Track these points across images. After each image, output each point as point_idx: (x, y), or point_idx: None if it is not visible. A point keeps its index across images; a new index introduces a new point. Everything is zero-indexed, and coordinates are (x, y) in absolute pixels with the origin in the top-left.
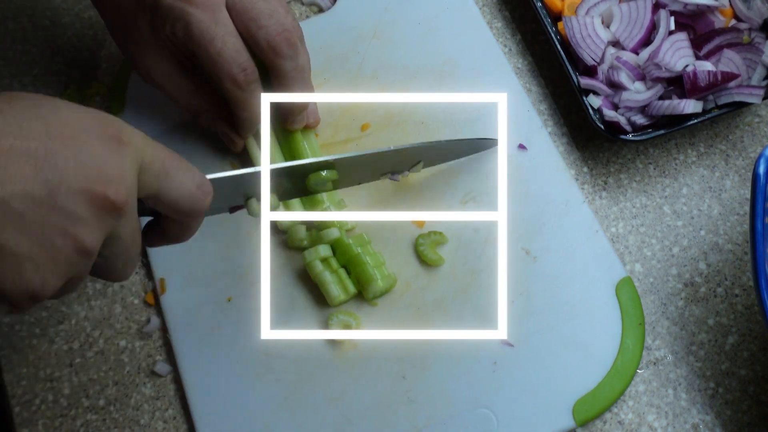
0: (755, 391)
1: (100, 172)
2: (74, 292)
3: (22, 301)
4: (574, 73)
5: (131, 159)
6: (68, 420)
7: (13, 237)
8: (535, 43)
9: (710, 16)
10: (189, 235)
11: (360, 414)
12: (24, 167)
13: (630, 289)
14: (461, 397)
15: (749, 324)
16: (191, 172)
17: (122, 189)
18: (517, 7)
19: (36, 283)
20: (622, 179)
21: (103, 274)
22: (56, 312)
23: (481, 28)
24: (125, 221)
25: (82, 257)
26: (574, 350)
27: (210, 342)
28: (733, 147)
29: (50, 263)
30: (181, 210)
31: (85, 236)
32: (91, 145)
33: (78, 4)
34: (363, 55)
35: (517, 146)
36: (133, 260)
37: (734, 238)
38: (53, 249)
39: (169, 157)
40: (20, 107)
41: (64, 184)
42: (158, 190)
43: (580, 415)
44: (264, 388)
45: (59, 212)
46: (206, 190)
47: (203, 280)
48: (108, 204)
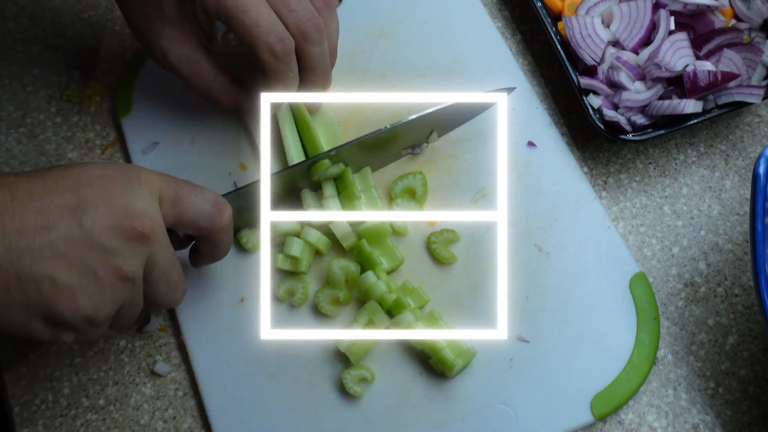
0: (755, 391)
1: (126, 209)
2: (134, 319)
3: (80, 325)
4: (574, 73)
5: (150, 194)
6: (68, 420)
7: (63, 272)
8: (535, 43)
9: (710, 16)
10: (222, 250)
11: (377, 413)
12: (63, 216)
13: (644, 284)
14: (478, 394)
15: (749, 324)
16: (203, 193)
17: (147, 220)
18: (517, 7)
19: (89, 308)
20: (622, 179)
21: (154, 301)
22: None
23: (488, 26)
24: (158, 248)
25: (125, 283)
26: (589, 345)
27: (224, 343)
28: (733, 147)
29: (98, 291)
30: (202, 228)
31: (122, 265)
32: (115, 189)
33: (78, 4)
34: (370, 54)
35: (526, 144)
36: (176, 285)
37: (734, 238)
38: (97, 279)
39: (181, 185)
40: (56, 173)
41: (97, 224)
42: (177, 215)
43: (599, 409)
44: (280, 389)
45: (97, 248)
46: (221, 207)
47: (215, 281)
48: (136, 234)
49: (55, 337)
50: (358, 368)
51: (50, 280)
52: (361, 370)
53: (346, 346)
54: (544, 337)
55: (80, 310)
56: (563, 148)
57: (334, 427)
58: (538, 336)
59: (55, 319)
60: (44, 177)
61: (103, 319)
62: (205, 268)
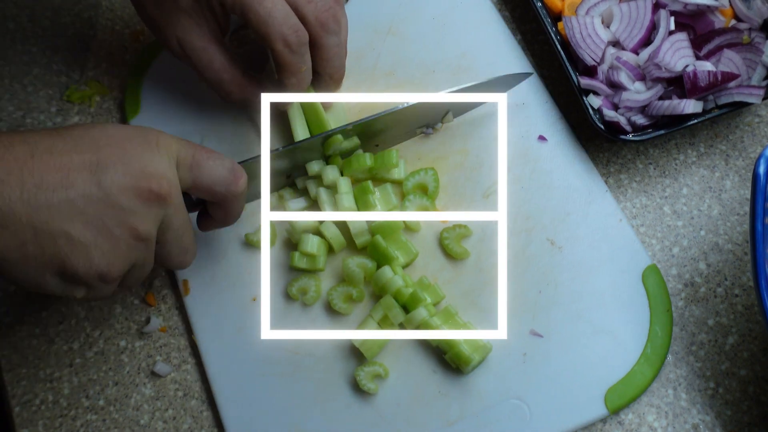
0: (755, 391)
1: (144, 171)
2: (143, 278)
3: (93, 281)
4: (574, 73)
5: (168, 158)
6: (68, 420)
7: (80, 228)
8: (535, 43)
9: (710, 16)
10: (233, 216)
11: (392, 410)
12: (82, 174)
13: (656, 276)
14: (492, 389)
15: (749, 324)
16: (221, 159)
17: (164, 182)
18: (517, 7)
19: (103, 265)
20: (622, 179)
21: (165, 262)
22: (56, 312)
23: (496, 21)
24: (173, 211)
25: (139, 243)
26: (602, 339)
27: (236, 342)
28: (733, 147)
29: (112, 249)
30: (217, 193)
31: (138, 224)
32: (134, 151)
33: (78, 4)
34: (379, 52)
35: (537, 138)
36: (187, 248)
37: (734, 238)
38: (113, 237)
39: (199, 150)
40: (76, 132)
41: (115, 184)
42: (194, 179)
43: (612, 403)
44: (293, 387)
45: (114, 207)
46: (237, 174)
47: (227, 281)
48: (153, 195)
49: (67, 292)
50: (372, 364)
51: (66, 236)
52: (374, 366)
53: (360, 342)
54: (558, 331)
55: (94, 266)
56: (574, 141)
57: (349, 425)
58: (552, 330)
59: (69, 274)
60: (64, 135)
61: (116, 276)
62: (216, 268)
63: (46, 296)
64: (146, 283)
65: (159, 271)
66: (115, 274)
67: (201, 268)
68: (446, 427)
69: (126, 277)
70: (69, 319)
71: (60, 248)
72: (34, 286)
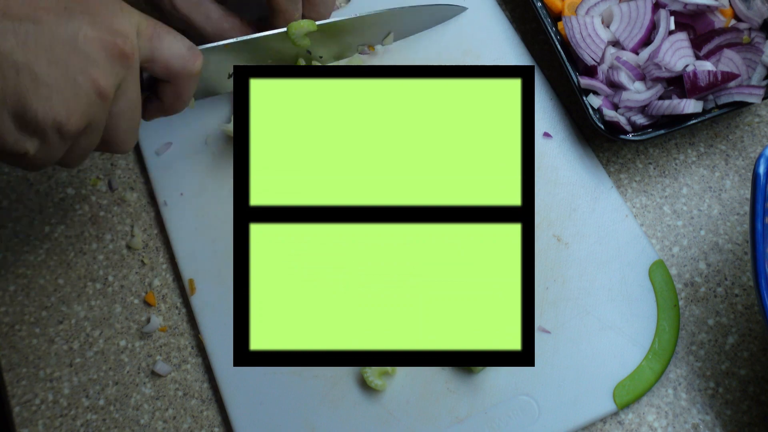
0: (755, 391)
1: (111, 27)
2: (87, 154)
3: (49, 131)
4: (574, 73)
5: (131, 23)
6: (68, 420)
7: (44, 67)
8: (535, 43)
9: (710, 16)
10: (182, 102)
11: (401, 407)
12: (50, 15)
13: (663, 271)
14: (501, 386)
15: (749, 324)
16: (181, 37)
17: (129, 42)
18: (517, 7)
19: (62, 113)
20: (622, 179)
21: (111, 136)
22: (56, 312)
23: (499, 17)
24: (131, 77)
25: (98, 98)
26: (610, 334)
27: None
28: (733, 147)
29: (73, 97)
30: (173, 69)
31: (100, 78)
32: (102, 8)
33: None
34: (382, 50)
35: (543, 134)
36: (135, 127)
37: (734, 238)
38: (76, 85)
39: (159, 24)
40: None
41: (82, 32)
42: (152, 50)
43: (621, 398)
44: (302, 385)
45: (80, 53)
46: (195, 53)
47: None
48: (118, 52)
49: (19, 144)
50: None
51: (30, 72)
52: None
53: None
54: (565, 328)
55: (53, 111)
56: (580, 137)
57: (357, 422)
58: (559, 326)
59: (27, 117)
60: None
61: (72, 130)
62: (222, 267)
63: (47, 295)
64: (146, 283)
65: (159, 270)
66: (72, 128)
67: (207, 266)
68: (455, 423)
69: (77, 141)
70: (69, 319)
71: (22, 84)
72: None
